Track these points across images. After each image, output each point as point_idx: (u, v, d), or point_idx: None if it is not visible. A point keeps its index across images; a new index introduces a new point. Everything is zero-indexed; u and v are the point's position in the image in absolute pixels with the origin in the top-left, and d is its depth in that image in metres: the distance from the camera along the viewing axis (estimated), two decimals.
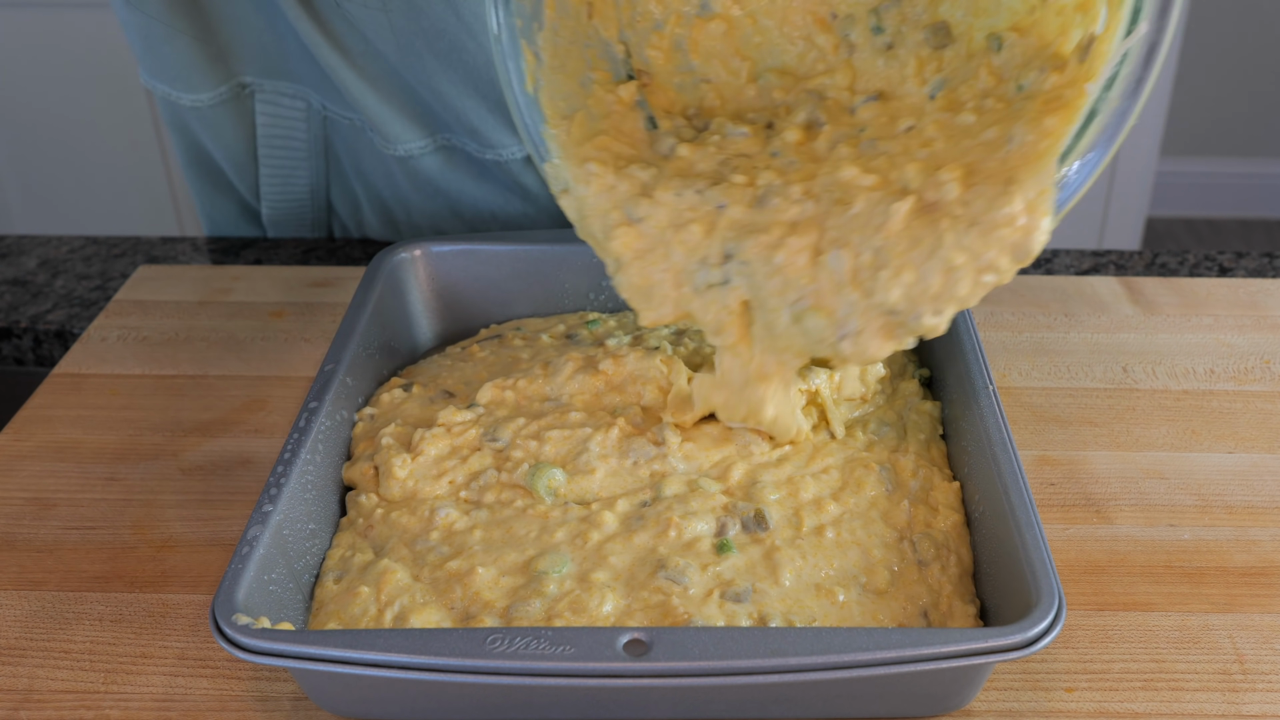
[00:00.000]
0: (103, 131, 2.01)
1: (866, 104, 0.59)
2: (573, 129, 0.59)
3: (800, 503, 0.58)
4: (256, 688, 0.54)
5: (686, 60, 0.62)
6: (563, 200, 0.60)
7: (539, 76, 0.59)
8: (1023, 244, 0.49)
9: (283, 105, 0.91)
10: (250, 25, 0.86)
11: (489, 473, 0.61)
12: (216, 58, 0.88)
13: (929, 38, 0.58)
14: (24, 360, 0.88)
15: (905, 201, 0.51)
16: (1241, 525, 0.62)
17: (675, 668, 0.46)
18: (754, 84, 0.62)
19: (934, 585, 0.55)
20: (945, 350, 0.67)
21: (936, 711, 0.52)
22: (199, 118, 0.91)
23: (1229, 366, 0.75)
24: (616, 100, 0.61)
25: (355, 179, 0.94)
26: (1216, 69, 2.64)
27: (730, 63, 0.62)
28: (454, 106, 0.84)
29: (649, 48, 0.62)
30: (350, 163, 0.93)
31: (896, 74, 0.59)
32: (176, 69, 0.88)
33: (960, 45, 0.57)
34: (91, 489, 0.67)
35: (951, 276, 0.51)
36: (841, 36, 0.60)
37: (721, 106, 0.62)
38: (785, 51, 0.62)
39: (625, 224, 0.57)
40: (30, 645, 0.56)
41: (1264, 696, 0.53)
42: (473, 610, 0.53)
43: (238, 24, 0.86)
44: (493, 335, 0.75)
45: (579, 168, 0.58)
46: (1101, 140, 0.49)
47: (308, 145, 0.92)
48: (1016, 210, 0.49)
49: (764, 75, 0.62)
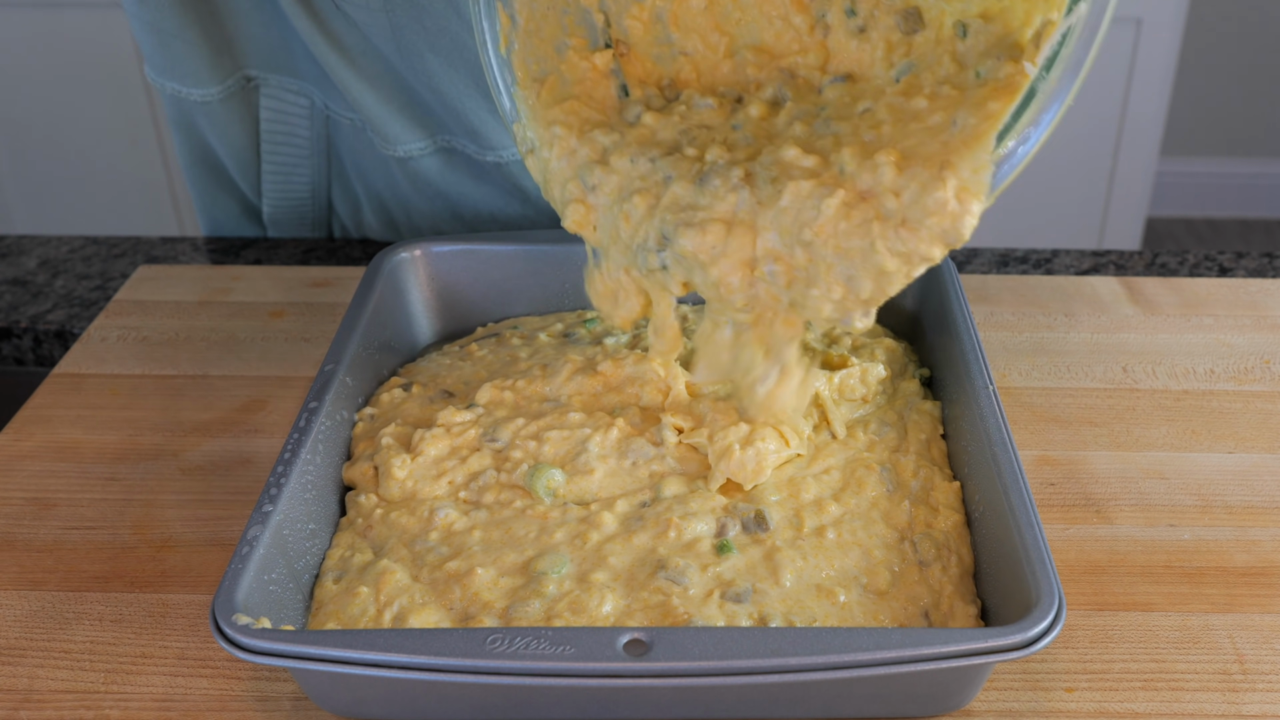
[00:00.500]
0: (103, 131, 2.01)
1: (834, 84, 0.60)
2: (543, 92, 0.60)
3: (801, 503, 0.58)
4: (256, 688, 0.54)
5: (665, 32, 0.63)
6: (528, 160, 0.61)
7: (513, 39, 0.60)
8: (952, 230, 0.50)
9: (286, 100, 0.91)
10: (254, 20, 0.86)
11: (488, 473, 0.61)
12: (223, 51, 0.88)
13: (900, 23, 0.58)
14: (24, 360, 0.88)
15: (835, 196, 0.52)
16: (1241, 525, 0.62)
17: (675, 668, 0.46)
18: (730, 60, 0.63)
19: (935, 586, 0.55)
20: (945, 350, 0.67)
21: (936, 711, 0.52)
22: (205, 114, 0.91)
23: (1229, 366, 0.75)
24: (591, 67, 0.62)
25: (356, 179, 0.94)
26: (1216, 69, 2.64)
27: (709, 37, 0.63)
28: (454, 107, 0.84)
29: (628, 17, 0.62)
30: (351, 163, 0.94)
31: (867, 57, 0.59)
32: (185, 65, 0.88)
33: (930, 31, 0.57)
34: (91, 489, 0.67)
35: (882, 280, 0.52)
36: (817, 17, 0.61)
37: (696, 80, 0.63)
38: (763, 29, 0.62)
39: (579, 199, 0.59)
40: (30, 645, 0.56)
41: (1264, 696, 0.53)
42: (472, 611, 0.53)
43: (243, 18, 0.86)
44: (490, 334, 0.75)
45: (545, 130, 0.59)
46: (1041, 120, 0.49)
47: (310, 143, 0.92)
48: (947, 196, 0.49)
49: (740, 51, 0.63)
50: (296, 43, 0.86)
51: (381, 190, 0.94)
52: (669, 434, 0.61)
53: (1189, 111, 2.64)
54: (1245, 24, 2.59)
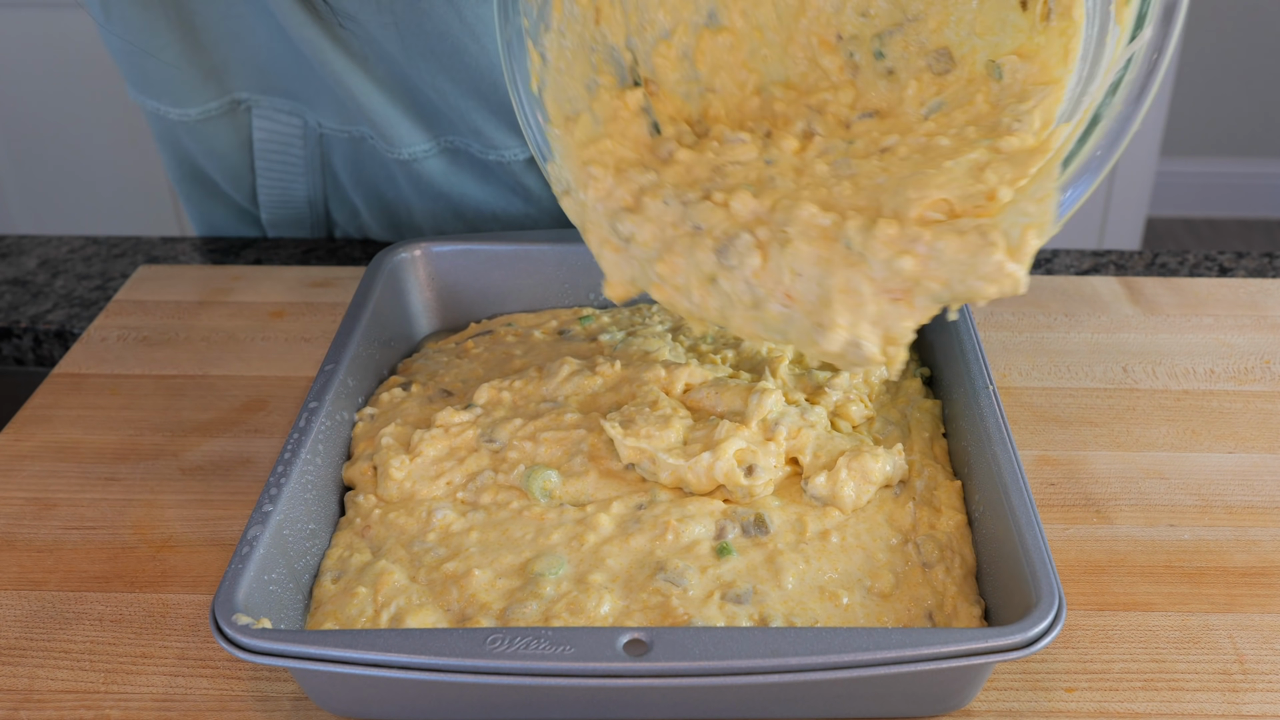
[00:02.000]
0: (103, 131, 2.01)
1: (862, 119, 0.59)
2: (576, 130, 0.59)
3: (803, 506, 0.58)
4: (256, 688, 0.54)
5: (692, 70, 0.62)
6: (564, 201, 0.60)
7: (544, 77, 0.59)
8: (1012, 290, 0.48)
9: (280, 121, 0.91)
10: (245, 44, 0.86)
11: (486, 474, 0.61)
12: (208, 75, 0.87)
13: (932, 63, 0.57)
14: (24, 360, 0.88)
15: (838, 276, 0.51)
16: (1241, 525, 0.62)
17: (675, 668, 0.46)
18: (758, 96, 0.62)
19: (939, 587, 0.54)
20: (945, 350, 0.67)
21: (936, 711, 0.52)
22: (188, 131, 0.91)
23: (1229, 366, 0.75)
24: (622, 105, 0.61)
25: (354, 191, 0.94)
26: (1216, 69, 2.64)
27: (736, 75, 0.62)
28: (457, 106, 0.84)
29: (655, 56, 0.62)
30: (349, 176, 0.93)
31: (896, 95, 0.59)
32: (162, 85, 0.88)
33: (962, 69, 0.56)
34: (91, 489, 0.67)
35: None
36: (846, 57, 0.60)
37: (725, 116, 0.63)
38: (790, 68, 0.62)
39: (611, 246, 0.58)
40: (30, 645, 0.56)
41: (1264, 696, 0.53)
42: (469, 612, 0.53)
43: (233, 42, 0.86)
44: (483, 331, 0.75)
45: (580, 170, 0.58)
46: (1103, 145, 0.48)
47: (305, 160, 0.93)
48: (1002, 260, 0.48)
49: (768, 88, 0.62)
50: (289, 62, 0.86)
51: (383, 193, 0.94)
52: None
53: (1189, 111, 2.64)
54: (1245, 24, 2.59)
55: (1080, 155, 0.49)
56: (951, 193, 0.50)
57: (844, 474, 0.58)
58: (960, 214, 0.50)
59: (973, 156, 0.51)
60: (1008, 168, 0.50)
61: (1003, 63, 0.54)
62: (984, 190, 0.49)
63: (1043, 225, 0.48)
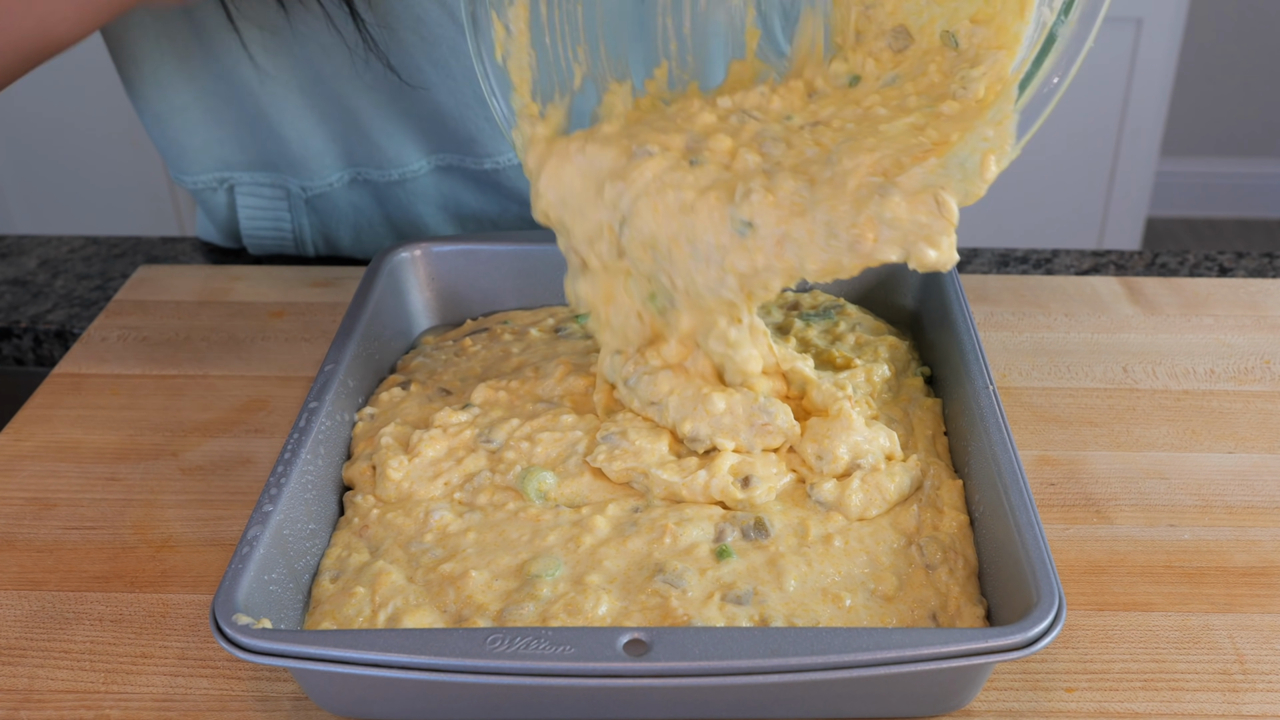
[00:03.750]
0: (103, 132, 2.01)
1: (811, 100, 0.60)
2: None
3: (806, 510, 0.58)
4: (256, 688, 0.54)
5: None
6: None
7: (508, 47, 0.60)
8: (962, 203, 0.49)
9: (264, 196, 0.92)
10: (224, 119, 0.87)
11: (483, 474, 0.61)
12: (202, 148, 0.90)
13: (890, 42, 0.58)
14: (24, 360, 0.88)
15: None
16: (1241, 525, 0.62)
17: (676, 668, 0.46)
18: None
19: (942, 589, 0.54)
20: (945, 349, 0.67)
21: (936, 711, 0.52)
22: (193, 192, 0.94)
23: (1229, 366, 0.75)
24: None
25: (342, 228, 0.95)
26: (1216, 69, 2.64)
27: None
28: (452, 115, 0.85)
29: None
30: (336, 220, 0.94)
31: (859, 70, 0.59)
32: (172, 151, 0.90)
33: (921, 41, 0.57)
34: (91, 489, 0.67)
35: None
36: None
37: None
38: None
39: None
40: (30, 645, 0.56)
41: (1264, 696, 0.53)
42: (465, 613, 0.53)
43: (216, 120, 0.87)
44: (480, 328, 0.75)
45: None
46: (1060, 67, 0.49)
47: (292, 219, 0.94)
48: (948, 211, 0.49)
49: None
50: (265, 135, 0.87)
51: (382, 209, 0.94)
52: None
53: (1189, 111, 2.64)
54: (1245, 24, 2.59)
55: (1037, 77, 0.49)
56: (883, 154, 0.51)
57: (855, 483, 0.58)
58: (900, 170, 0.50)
59: (909, 120, 0.52)
60: (949, 125, 0.51)
61: (957, 30, 0.54)
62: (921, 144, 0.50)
63: (1002, 148, 0.48)
